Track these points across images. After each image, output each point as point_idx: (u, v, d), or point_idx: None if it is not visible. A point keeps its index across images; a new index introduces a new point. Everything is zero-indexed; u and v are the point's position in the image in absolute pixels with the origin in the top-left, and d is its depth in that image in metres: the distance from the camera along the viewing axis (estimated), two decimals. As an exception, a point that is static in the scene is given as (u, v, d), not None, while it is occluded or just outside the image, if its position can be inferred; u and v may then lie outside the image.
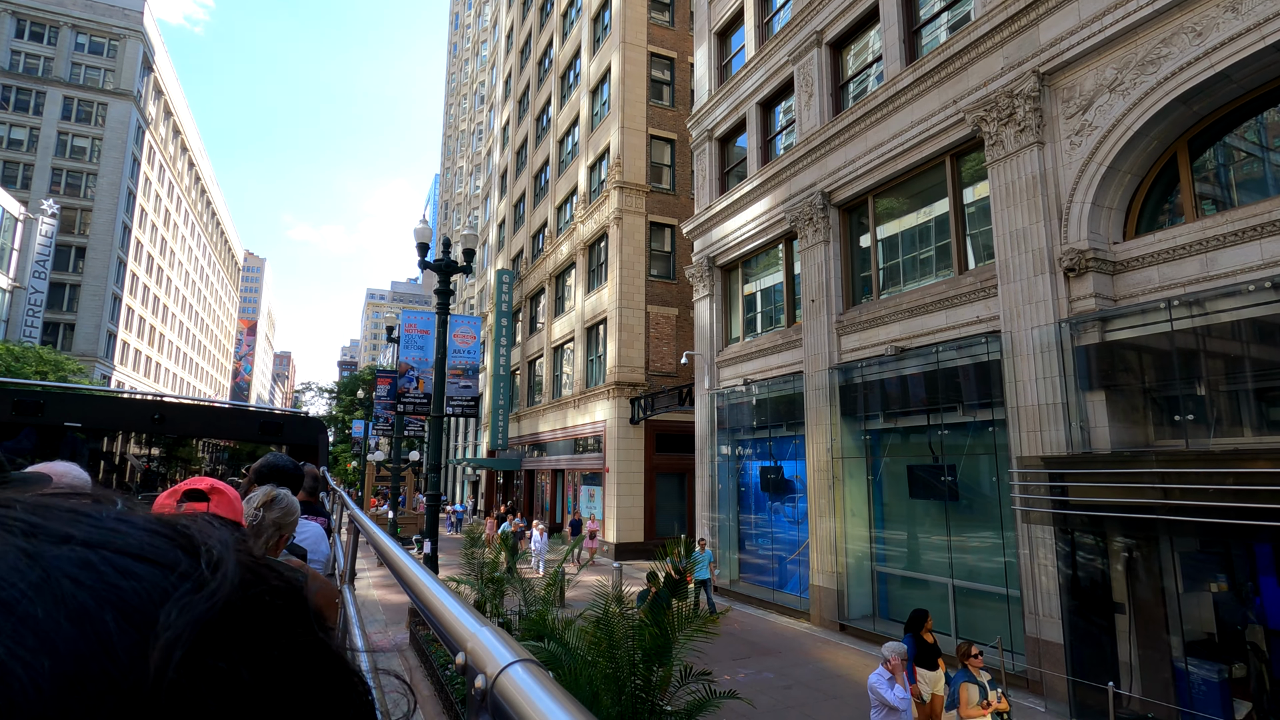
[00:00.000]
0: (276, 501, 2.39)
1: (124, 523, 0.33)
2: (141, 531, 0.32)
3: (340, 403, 58.38)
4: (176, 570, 0.31)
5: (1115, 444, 9.02)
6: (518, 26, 41.74)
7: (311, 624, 0.36)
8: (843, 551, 13.25)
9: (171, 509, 1.50)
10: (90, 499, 0.35)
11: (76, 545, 0.30)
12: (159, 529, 0.33)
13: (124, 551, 0.31)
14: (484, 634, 0.67)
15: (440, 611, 0.82)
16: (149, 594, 0.29)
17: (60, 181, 57.39)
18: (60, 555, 0.29)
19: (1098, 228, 9.71)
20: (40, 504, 0.32)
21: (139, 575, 0.30)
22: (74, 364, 38.55)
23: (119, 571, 0.29)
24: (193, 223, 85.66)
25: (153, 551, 0.31)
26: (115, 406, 9.16)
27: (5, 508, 0.31)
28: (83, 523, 0.31)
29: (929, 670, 7.40)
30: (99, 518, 0.32)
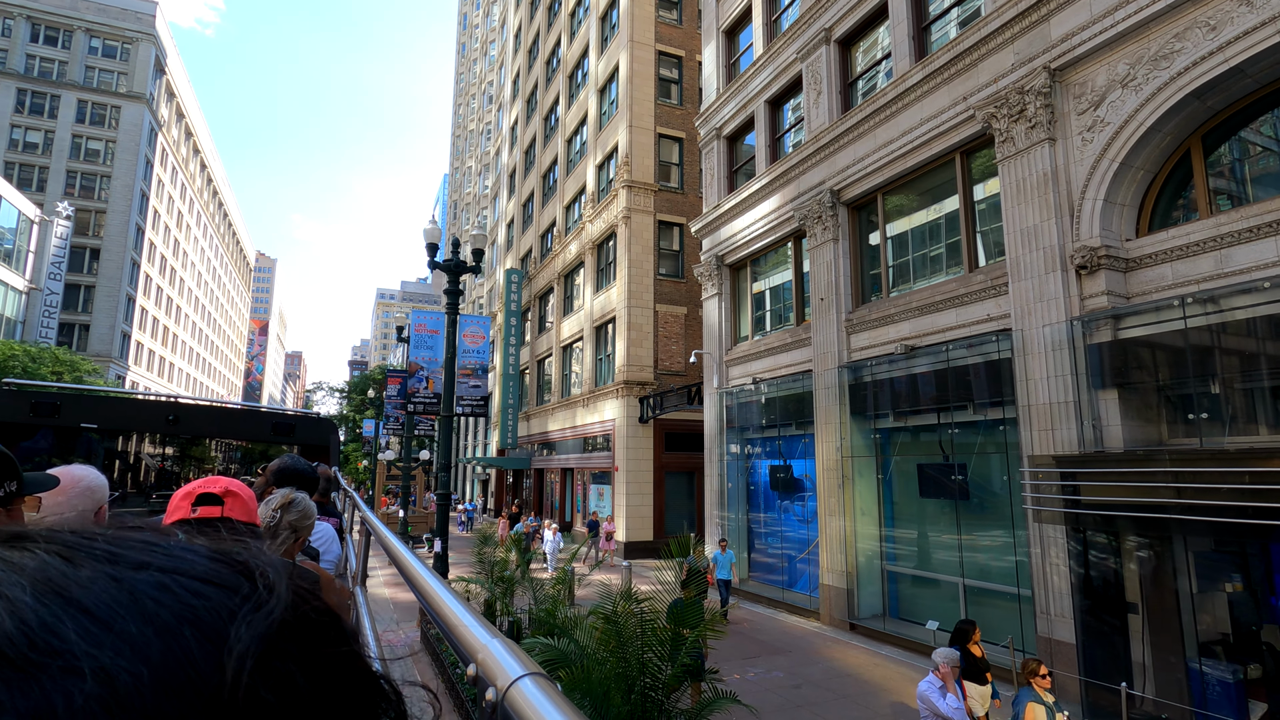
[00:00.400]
0: (294, 505, 2.43)
1: (190, 551, 0.37)
2: (205, 559, 0.37)
3: (351, 402, 58.76)
4: (239, 593, 0.35)
5: (1128, 443, 8.95)
6: (525, 26, 41.79)
7: (349, 638, 0.40)
8: (852, 550, 13.21)
9: (185, 511, 1.53)
10: (156, 531, 0.39)
11: (153, 571, 0.34)
12: (220, 557, 0.37)
13: (194, 576, 0.35)
14: (495, 645, 0.68)
15: (452, 621, 0.84)
16: (218, 612, 0.34)
17: (75, 184, 58.02)
18: (141, 579, 0.33)
19: (1110, 225, 9.63)
20: (118, 536, 0.36)
21: (208, 596, 0.34)
22: (89, 364, 38.99)
23: (191, 593, 0.34)
24: (205, 223, 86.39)
25: (217, 576, 0.36)
26: (130, 408, 9.27)
27: (89, 539, 0.35)
28: (156, 551, 0.36)
29: (978, 685, 6.85)
30: (168, 547, 0.37)
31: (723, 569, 14.29)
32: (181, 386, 76.45)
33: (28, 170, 56.88)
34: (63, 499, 1.81)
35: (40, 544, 0.35)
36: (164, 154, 67.05)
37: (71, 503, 1.82)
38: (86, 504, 1.84)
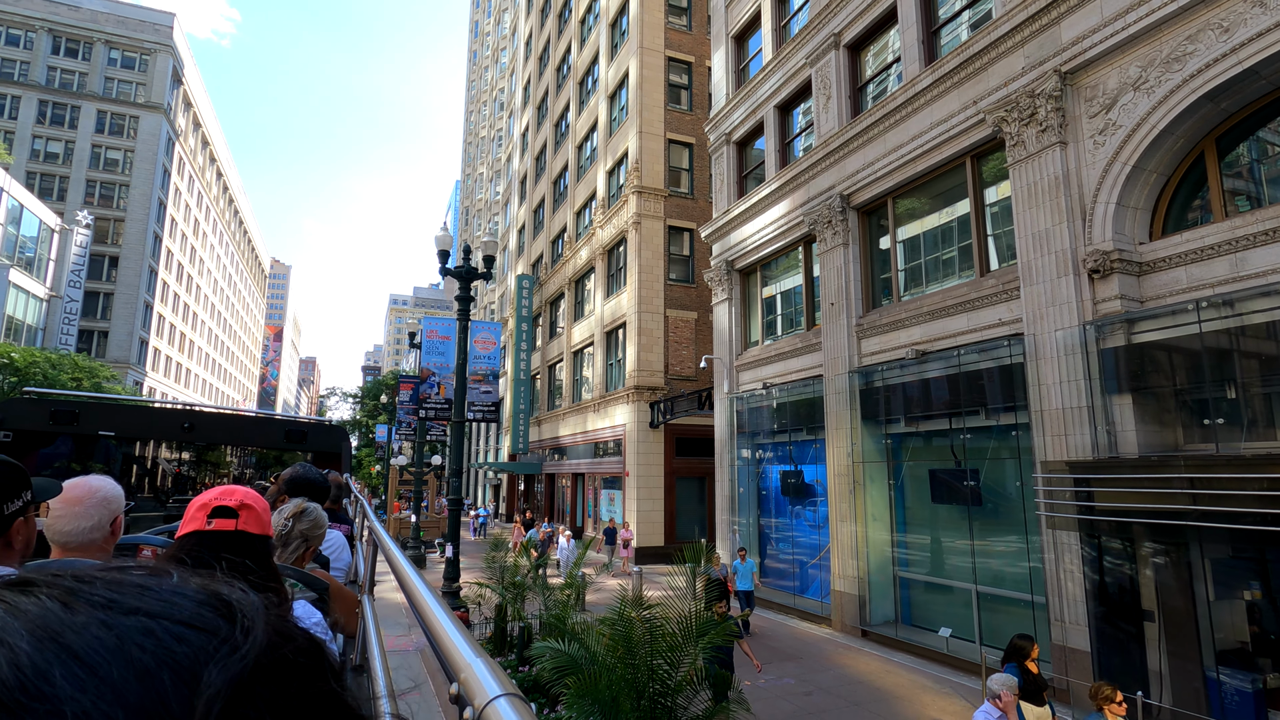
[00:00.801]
0: (306, 514, 2.48)
1: (179, 594, 0.39)
2: (192, 602, 0.39)
3: (364, 407, 59.17)
4: (218, 636, 0.38)
5: (1143, 448, 8.86)
6: (536, 33, 42.07)
7: (328, 675, 0.43)
8: (864, 556, 13.14)
9: (201, 523, 1.57)
10: (152, 571, 0.42)
11: (142, 616, 0.37)
12: (206, 599, 0.40)
13: (178, 620, 0.37)
14: (477, 665, 0.71)
15: (443, 640, 0.87)
16: (196, 656, 0.36)
17: (94, 193, 58.96)
18: (130, 624, 0.36)
19: (1123, 228, 9.55)
20: (115, 580, 0.39)
21: (189, 640, 0.37)
22: (108, 370, 39.55)
23: (174, 638, 0.36)
24: (220, 231, 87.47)
25: (200, 620, 0.38)
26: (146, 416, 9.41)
27: (89, 584, 0.38)
28: (148, 595, 0.38)
29: (1035, 706, 6.20)
30: (160, 590, 0.39)
31: (743, 579, 13.99)
32: (198, 392, 77.33)
33: (49, 180, 57.88)
34: (80, 509, 1.86)
35: (43, 589, 0.37)
36: (181, 163, 68.01)
37: (89, 513, 1.87)
38: (103, 514, 1.89)
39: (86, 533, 1.88)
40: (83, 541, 1.87)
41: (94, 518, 1.88)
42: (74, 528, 1.86)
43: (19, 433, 6.53)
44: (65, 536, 1.86)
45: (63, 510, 1.86)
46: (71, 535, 1.86)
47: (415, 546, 22.37)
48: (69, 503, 1.88)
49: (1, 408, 6.57)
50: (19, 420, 6.62)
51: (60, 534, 1.86)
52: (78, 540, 1.87)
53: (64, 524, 1.85)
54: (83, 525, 1.86)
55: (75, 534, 1.86)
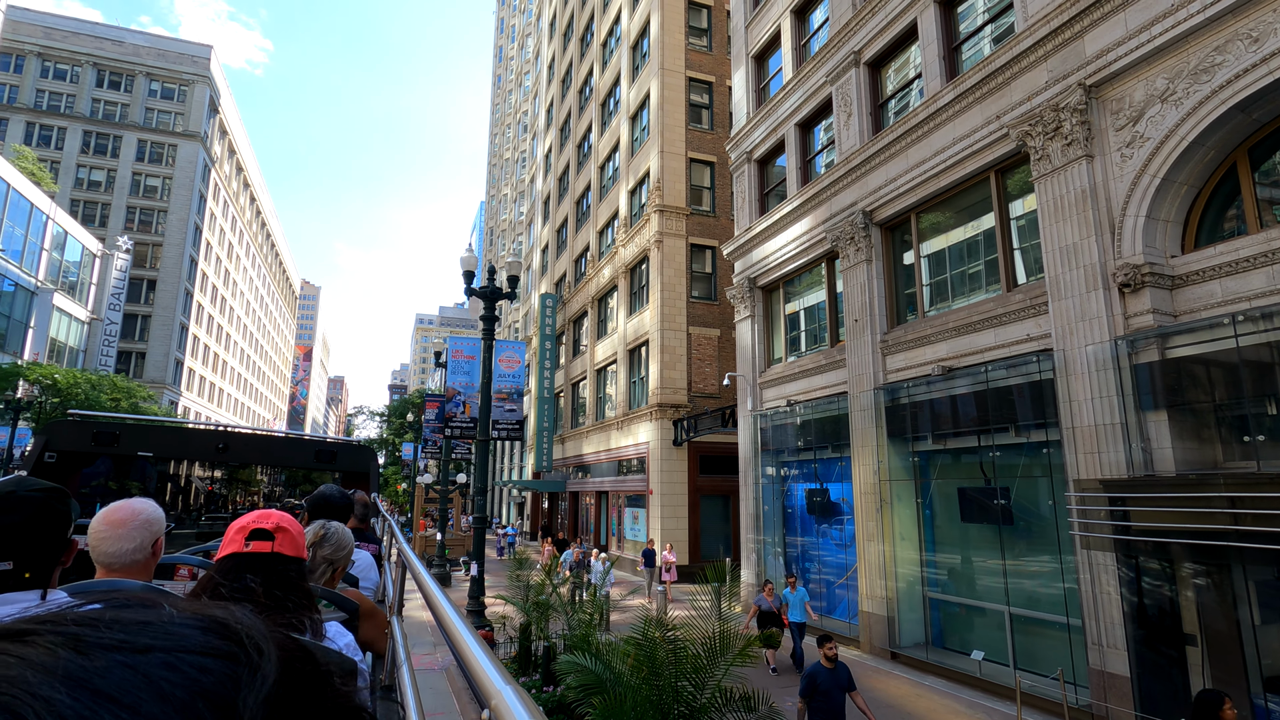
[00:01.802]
0: (327, 539, 2.51)
1: (182, 626, 0.40)
2: (197, 631, 0.40)
3: (390, 426, 59.87)
4: (237, 660, 0.39)
5: (1180, 466, 8.62)
6: (559, 57, 42.82)
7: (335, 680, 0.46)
8: (892, 576, 12.91)
9: (239, 545, 1.63)
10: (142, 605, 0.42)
11: (158, 652, 0.37)
12: (208, 626, 0.41)
13: (193, 651, 0.38)
14: (507, 693, 0.74)
15: (472, 665, 0.90)
16: (223, 683, 0.37)
17: (134, 219, 61.01)
18: (150, 662, 0.37)
19: (1153, 241, 9.39)
20: (116, 619, 0.40)
21: (211, 669, 0.38)
22: (144, 391, 40.63)
23: (196, 669, 0.37)
24: (253, 254, 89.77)
25: (213, 648, 0.39)
26: (183, 436, 9.66)
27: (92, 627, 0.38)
28: (153, 631, 0.39)
29: None
30: (163, 625, 0.40)
31: (795, 610, 12.64)
32: (230, 412, 78.98)
33: (91, 207, 60.06)
34: (123, 531, 1.94)
35: (46, 638, 0.37)
36: (216, 188, 70.12)
37: (132, 535, 1.94)
38: (145, 536, 1.96)
39: (130, 554, 1.95)
40: (126, 563, 1.94)
41: (137, 539, 1.96)
42: (118, 549, 1.93)
43: (63, 453, 6.76)
44: (110, 558, 1.93)
45: (107, 532, 1.94)
46: (116, 556, 1.93)
47: (440, 565, 22.48)
48: (113, 525, 1.95)
49: (47, 430, 6.80)
50: (64, 442, 6.84)
51: (105, 555, 1.93)
52: (121, 561, 1.94)
53: (109, 545, 1.93)
54: (126, 547, 1.94)
55: (119, 555, 1.93)
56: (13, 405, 29.16)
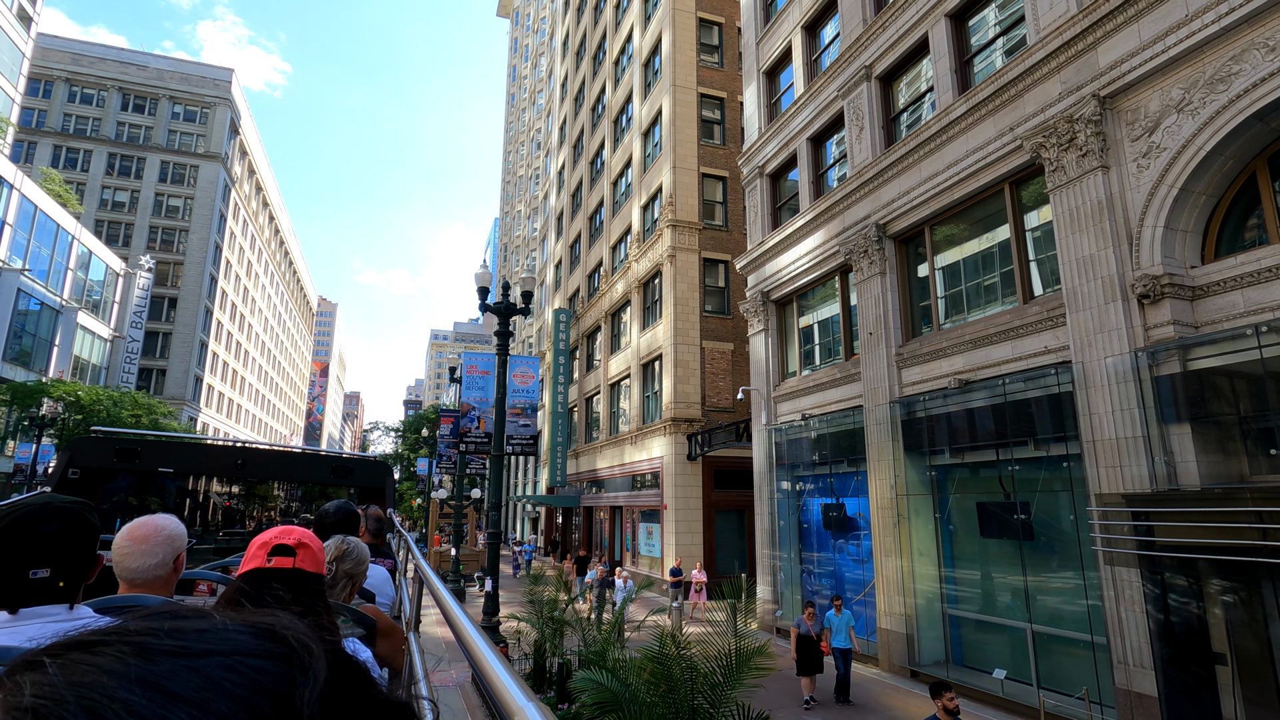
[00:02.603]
0: (348, 554, 2.55)
1: (234, 632, 0.43)
2: (249, 636, 0.43)
3: (405, 441, 60.16)
4: (290, 661, 0.42)
5: (1205, 479, 8.46)
6: (572, 76, 43.33)
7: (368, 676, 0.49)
8: (911, 593, 12.73)
9: (261, 560, 1.65)
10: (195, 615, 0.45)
11: (217, 656, 0.40)
12: (259, 631, 0.44)
13: (250, 654, 0.42)
14: (529, 709, 0.74)
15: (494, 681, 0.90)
16: (281, 681, 0.40)
17: (156, 238, 62.19)
18: (210, 664, 0.40)
19: (1172, 252, 9.28)
20: (176, 628, 0.42)
21: (267, 670, 0.41)
22: (165, 407, 41.16)
23: (255, 670, 0.40)
24: (271, 272, 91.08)
25: (266, 650, 0.42)
26: (202, 452, 9.77)
27: (155, 635, 0.41)
28: (210, 637, 0.42)
29: None
30: (217, 631, 0.43)
31: (840, 634, 11.66)
32: (248, 427, 79.77)
33: (115, 227, 61.31)
34: (146, 547, 1.97)
35: (115, 647, 0.40)
36: (236, 208, 71.38)
37: (154, 550, 1.97)
38: (167, 552, 1.99)
39: (152, 569, 1.97)
40: (149, 578, 1.97)
41: (159, 555, 1.99)
42: (141, 565, 1.96)
43: (86, 469, 6.85)
44: (132, 573, 1.96)
45: (131, 548, 1.96)
46: (138, 572, 1.96)
47: (455, 580, 22.46)
48: (136, 540, 1.98)
49: (71, 446, 6.91)
50: (87, 458, 6.95)
51: (128, 570, 1.96)
52: (144, 577, 1.97)
53: (132, 561, 1.96)
54: (149, 563, 1.96)
55: (142, 571, 1.96)
56: (37, 422, 29.67)
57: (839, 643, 11.65)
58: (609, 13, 35.52)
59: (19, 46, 41.93)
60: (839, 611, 11.91)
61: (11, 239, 35.83)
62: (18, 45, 41.76)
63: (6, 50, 40.54)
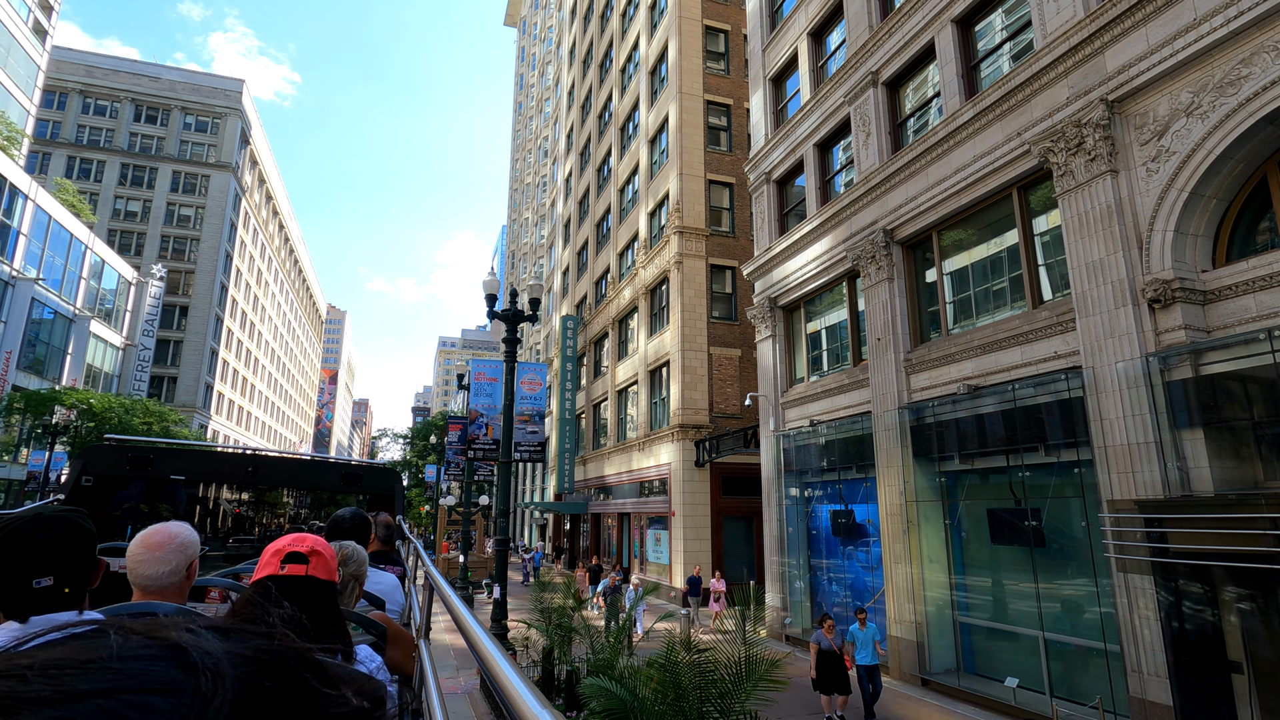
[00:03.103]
0: (349, 559, 2.59)
1: (127, 661, 0.37)
2: (143, 663, 0.37)
3: (414, 448, 60.33)
4: (185, 692, 0.36)
5: (1219, 485, 8.37)
6: (579, 84, 43.56)
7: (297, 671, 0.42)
8: (921, 600, 12.64)
9: (275, 568, 1.66)
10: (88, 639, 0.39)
11: (97, 698, 0.34)
12: (158, 654, 0.38)
13: (135, 690, 0.35)
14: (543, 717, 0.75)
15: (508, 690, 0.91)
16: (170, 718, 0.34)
17: (168, 247, 62.83)
18: (85, 710, 0.33)
19: (1183, 256, 9.23)
20: (52, 663, 0.36)
21: (155, 707, 0.34)
22: (176, 415, 41.47)
23: (139, 709, 0.34)
24: (281, 280, 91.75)
25: (159, 681, 0.36)
26: (214, 460, 9.84)
27: (23, 682, 0.34)
28: (93, 672, 0.35)
29: None
30: (106, 662, 0.36)
31: (864, 649, 10.89)
32: (258, 435, 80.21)
33: (127, 236, 61.99)
34: (160, 554, 1.99)
35: None
36: (246, 217, 72.02)
37: (168, 558, 1.99)
38: (181, 559, 2.01)
39: (165, 577, 1.99)
40: (162, 585, 1.99)
41: (172, 562, 2.01)
42: (154, 572, 1.98)
43: (99, 477, 6.92)
44: (146, 580, 1.98)
45: (145, 555, 1.99)
46: (152, 579, 1.98)
47: (463, 587, 22.48)
48: (150, 548, 2.00)
49: (85, 454, 6.98)
50: (101, 466, 7.01)
51: (142, 577, 1.98)
52: (158, 584, 1.99)
53: (145, 568, 1.98)
54: (162, 570, 1.98)
55: (155, 578, 1.98)
56: (50, 430, 29.94)
57: (864, 659, 10.84)
58: (615, 21, 35.72)
59: (34, 59, 42.55)
60: (863, 625, 11.10)
61: (26, 249, 36.28)
62: (33, 58, 42.38)
63: (22, 63, 41.15)
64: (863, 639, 10.93)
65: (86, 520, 1.69)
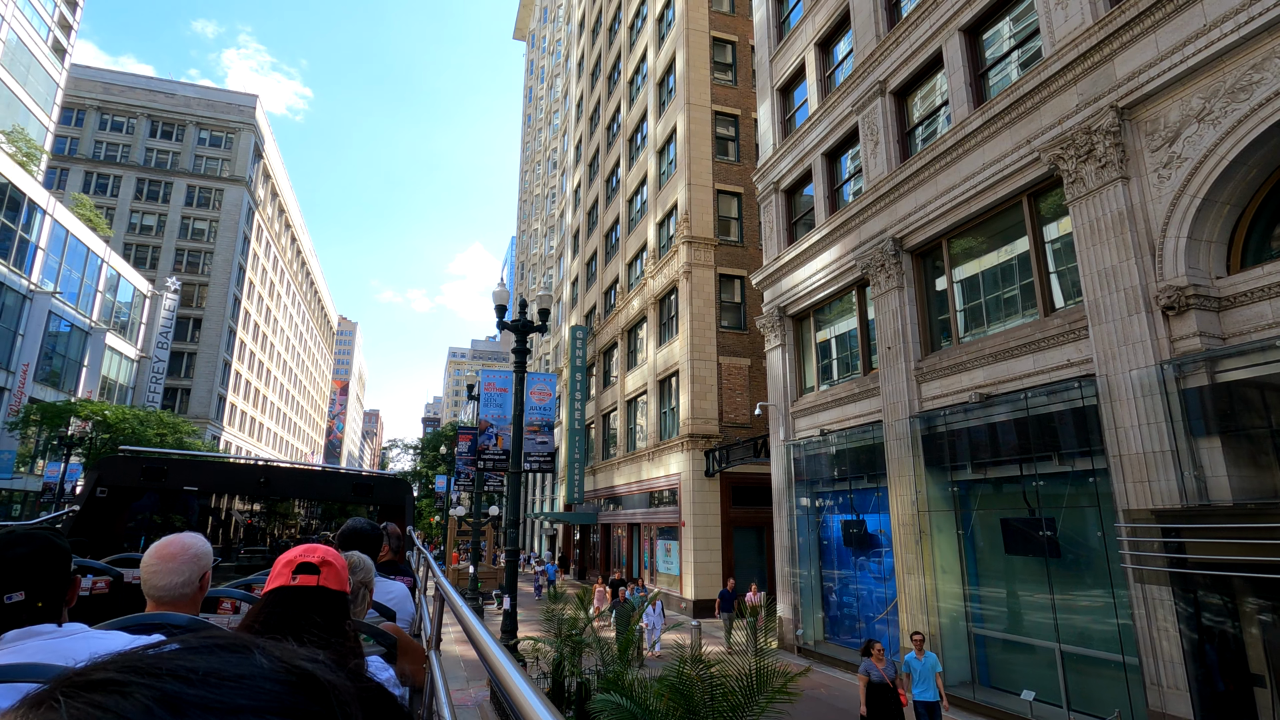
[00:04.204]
0: (356, 567, 2.61)
1: (273, 683, 0.41)
2: (286, 689, 0.40)
3: (424, 458, 60.46)
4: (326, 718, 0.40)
5: (1237, 494, 8.25)
6: (587, 96, 43.87)
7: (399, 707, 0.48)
8: (934, 611, 12.50)
9: (286, 579, 1.67)
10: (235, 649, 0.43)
11: (248, 714, 0.37)
12: (296, 683, 0.41)
13: (280, 712, 0.39)
14: (560, 734, 0.74)
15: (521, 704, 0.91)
16: None
17: (182, 261, 63.60)
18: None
19: (1196, 262, 9.14)
20: (211, 672, 0.39)
21: None
22: (189, 426, 41.80)
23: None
24: (293, 292, 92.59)
25: (300, 712, 0.40)
26: (226, 471, 9.90)
27: (187, 684, 0.38)
28: (245, 688, 0.39)
29: None
30: (254, 680, 0.40)
31: (923, 683, 9.31)
32: (269, 446, 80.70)
33: (143, 250, 62.81)
34: (174, 565, 2.00)
35: (142, 690, 0.36)
36: (259, 230, 72.84)
37: (181, 569, 2.00)
38: (194, 570, 2.02)
39: (179, 587, 2.01)
40: (175, 596, 2.00)
41: (186, 573, 2.02)
42: (168, 583, 1.99)
43: (113, 488, 6.97)
44: (160, 591, 1.99)
45: (159, 566, 2.00)
46: (166, 590, 1.99)
47: (473, 598, 22.44)
48: (164, 559, 2.02)
49: (100, 466, 7.04)
50: (115, 477, 7.07)
51: (156, 588, 1.99)
52: (171, 595, 2.00)
53: (160, 579, 1.99)
54: (176, 580, 2.00)
55: (169, 589, 1.99)
56: (66, 441, 30.26)
57: (923, 694, 9.21)
58: (623, 34, 36.00)
59: (54, 77, 43.37)
60: (921, 653, 9.42)
61: (44, 263, 36.82)
62: (52, 76, 43.19)
63: (42, 81, 41.94)
64: (921, 670, 9.30)
65: (61, 538, 1.68)
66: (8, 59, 38.31)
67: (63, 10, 44.69)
